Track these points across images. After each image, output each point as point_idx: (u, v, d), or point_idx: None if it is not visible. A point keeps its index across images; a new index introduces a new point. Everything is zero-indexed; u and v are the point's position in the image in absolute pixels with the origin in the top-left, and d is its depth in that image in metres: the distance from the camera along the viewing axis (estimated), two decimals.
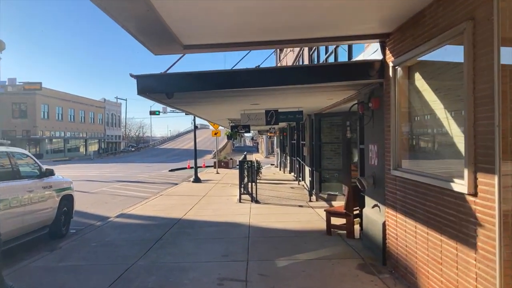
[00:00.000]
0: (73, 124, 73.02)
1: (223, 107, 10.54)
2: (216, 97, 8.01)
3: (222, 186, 20.30)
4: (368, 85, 6.91)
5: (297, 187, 17.59)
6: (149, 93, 6.57)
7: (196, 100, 8.36)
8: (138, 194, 18.41)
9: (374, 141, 6.96)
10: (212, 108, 11.14)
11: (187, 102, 8.67)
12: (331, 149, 14.83)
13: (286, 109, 11.45)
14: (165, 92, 6.46)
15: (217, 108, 11.12)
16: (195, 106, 9.93)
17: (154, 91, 6.50)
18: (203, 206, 13.60)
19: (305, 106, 11.35)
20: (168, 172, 33.42)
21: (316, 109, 12.38)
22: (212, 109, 11.33)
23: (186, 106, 9.57)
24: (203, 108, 10.81)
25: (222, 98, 8.15)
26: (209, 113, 12.94)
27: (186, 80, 6.40)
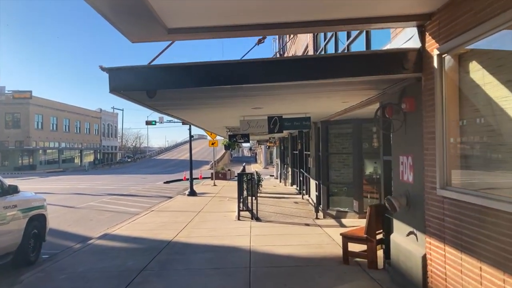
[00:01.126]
0: (68, 134, 71.55)
1: (219, 112, 9.15)
2: (210, 98, 6.63)
3: (219, 200, 18.85)
4: (399, 82, 5.55)
5: (301, 201, 16.15)
6: (125, 91, 5.19)
7: (186, 102, 6.98)
8: (128, 210, 16.94)
9: (407, 152, 5.59)
10: (207, 114, 9.74)
11: (174, 104, 7.28)
12: (339, 161, 13.45)
13: (292, 115, 10.08)
14: (146, 89, 5.09)
15: (212, 114, 9.72)
16: (185, 111, 8.53)
17: (132, 88, 5.12)
18: (198, 224, 12.15)
19: (313, 112, 9.98)
20: (163, 184, 31.92)
21: (324, 115, 11.02)
22: (207, 114, 9.93)
23: (175, 109, 8.17)
24: (196, 113, 9.41)
25: (218, 99, 6.78)
26: (204, 119, 11.53)
27: (171, 74, 5.03)
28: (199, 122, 12.64)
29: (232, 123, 12.22)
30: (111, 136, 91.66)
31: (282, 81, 5.03)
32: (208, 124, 13.75)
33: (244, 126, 10.05)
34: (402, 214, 5.70)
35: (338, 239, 9.29)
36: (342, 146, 13.33)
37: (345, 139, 13.19)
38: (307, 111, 9.85)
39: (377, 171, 12.38)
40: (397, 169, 6.00)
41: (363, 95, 6.92)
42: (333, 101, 7.80)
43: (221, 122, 12.69)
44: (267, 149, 59.21)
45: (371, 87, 6.16)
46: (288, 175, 23.71)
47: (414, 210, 5.42)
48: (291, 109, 9.31)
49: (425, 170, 4.99)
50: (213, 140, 27.21)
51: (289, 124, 10.10)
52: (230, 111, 8.99)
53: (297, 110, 9.60)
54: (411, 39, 5.25)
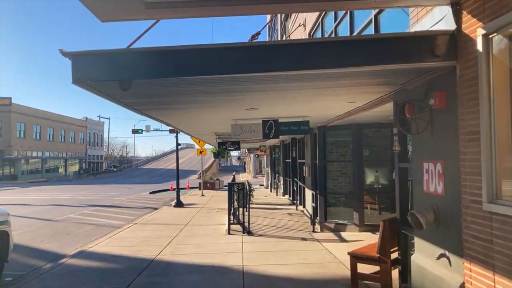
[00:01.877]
0: (52, 143, 69.68)
1: (209, 114, 8.15)
2: (199, 95, 5.63)
3: (207, 211, 17.76)
4: (425, 73, 4.65)
5: (296, 213, 15.16)
6: (92, 81, 4.18)
7: (168, 99, 5.94)
8: (110, 222, 15.75)
9: (434, 157, 4.66)
10: (194, 116, 8.72)
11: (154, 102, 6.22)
12: (337, 169, 12.53)
13: (289, 119, 9.14)
14: (118, 79, 4.09)
15: (201, 116, 8.70)
16: (169, 112, 7.49)
17: (101, 78, 4.11)
18: (184, 239, 11.06)
19: (312, 116, 9.06)
20: (149, 195, 30.65)
21: (323, 119, 10.11)
22: (194, 117, 8.90)
23: (156, 110, 7.10)
24: (182, 115, 8.37)
25: (207, 96, 5.78)
26: (192, 123, 10.49)
27: (149, 61, 4.04)
28: (186, 127, 11.59)
29: (223, 128, 11.23)
30: (97, 145, 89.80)
31: (284, 70, 4.08)
32: (196, 129, 12.69)
33: (236, 131, 9.08)
34: (427, 232, 4.75)
35: (341, 256, 8.35)
36: (341, 153, 12.43)
37: (343, 146, 12.29)
38: (306, 114, 8.92)
39: (379, 181, 11.49)
40: (419, 178, 5.07)
41: (374, 92, 6.01)
42: (338, 102, 6.88)
43: (210, 127, 11.68)
44: (257, 157, 58.27)
45: (388, 81, 5.24)
46: (279, 184, 22.74)
47: (445, 227, 4.48)
48: (289, 111, 8.37)
49: (462, 179, 4.06)
50: (201, 149, 26.15)
51: (285, 129, 9.15)
52: (221, 113, 8.00)
53: (294, 113, 8.67)
54: (441, 21, 4.36)
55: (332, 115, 9.15)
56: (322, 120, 10.25)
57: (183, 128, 11.65)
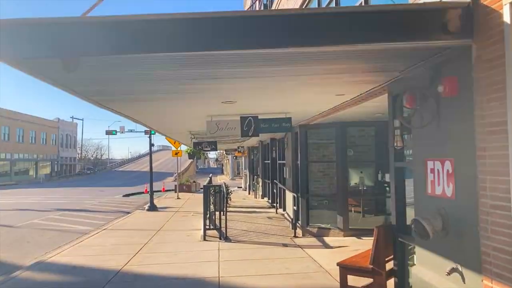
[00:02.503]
0: (22, 145, 67.06)
1: (180, 107, 7.29)
2: (161, 81, 4.78)
3: (182, 215, 16.86)
4: (431, 55, 3.98)
5: (275, 216, 14.44)
6: (27, 57, 3.33)
7: (127, 87, 5.07)
8: (77, 228, 14.69)
9: (442, 154, 4.00)
10: (162, 110, 7.83)
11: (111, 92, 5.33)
12: (319, 170, 11.89)
13: (269, 115, 8.41)
14: (61, 57, 3.26)
15: (170, 110, 7.82)
16: (131, 104, 6.55)
17: (38, 55, 3.27)
18: (155, 247, 10.18)
19: (294, 112, 8.35)
20: (122, 198, 29.44)
21: (306, 117, 9.41)
22: (163, 111, 8.00)
23: (116, 101, 6.13)
24: (147, 108, 7.42)
25: (172, 83, 4.96)
26: (160, 119, 9.56)
27: (102, 33, 3.22)
28: (156, 123, 10.65)
29: (197, 126, 10.38)
30: (70, 147, 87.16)
31: (268, 46, 3.33)
32: (167, 127, 11.74)
33: (212, 128, 8.28)
34: (433, 242, 4.07)
35: (327, 265, 7.67)
36: (323, 153, 11.80)
37: (326, 146, 11.65)
38: (288, 110, 8.20)
39: (364, 182, 10.89)
40: (421, 178, 4.39)
41: (367, 82, 5.32)
42: (326, 94, 6.17)
43: (183, 125, 10.81)
44: (234, 159, 57.39)
45: (385, 67, 4.55)
46: (258, 186, 22.01)
47: (456, 237, 3.81)
48: (269, 107, 7.63)
49: (481, 180, 3.40)
50: (176, 150, 25.20)
51: (266, 126, 8.41)
52: (194, 107, 7.18)
53: (275, 108, 7.94)
54: None
55: (316, 111, 8.45)
56: (305, 117, 9.56)
57: (153, 125, 10.73)
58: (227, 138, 15.71)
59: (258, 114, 8.25)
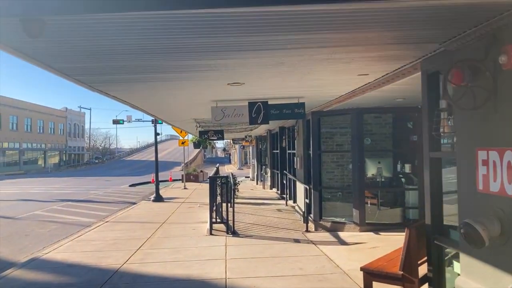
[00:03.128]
0: (30, 134, 66.96)
1: (182, 90, 6.52)
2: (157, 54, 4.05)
3: (188, 206, 16.24)
4: (491, 18, 3.19)
5: (286, 209, 13.73)
6: None
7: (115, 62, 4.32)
8: (79, 220, 14.17)
9: (500, 143, 3.24)
10: (163, 95, 7.09)
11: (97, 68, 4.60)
12: (332, 160, 11.17)
13: (280, 100, 7.66)
14: (21, 15, 2.54)
15: (172, 94, 7.08)
16: (125, 86, 5.83)
17: None
18: (158, 242, 9.55)
19: (309, 96, 7.58)
20: (128, 188, 28.97)
21: (321, 101, 8.61)
22: (164, 96, 7.29)
23: (107, 83, 5.45)
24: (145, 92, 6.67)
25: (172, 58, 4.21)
26: (163, 106, 8.85)
27: None
28: (158, 110, 9.92)
29: (202, 113, 9.66)
30: (78, 136, 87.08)
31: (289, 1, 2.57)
32: (170, 114, 11.01)
33: (218, 115, 7.56)
34: (488, 250, 3.33)
35: (344, 265, 6.98)
36: (337, 142, 11.06)
37: (341, 134, 10.92)
38: (301, 94, 7.44)
39: (381, 173, 10.12)
40: (469, 172, 3.64)
41: (397, 58, 4.54)
42: (347, 73, 5.39)
43: (187, 112, 10.09)
44: (242, 148, 56.74)
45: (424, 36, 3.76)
46: (267, 177, 21.31)
47: None
48: (281, 91, 6.88)
49: None
50: (183, 139, 24.56)
51: (276, 113, 7.66)
52: (198, 89, 6.43)
53: (287, 92, 7.18)
54: None
55: (333, 96, 7.67)
56: (319, 103, 8.79)
57: (154, 112, 10.01)
58: (234, 127, 15.00)
59: (268, 99, 7.50)
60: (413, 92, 6.89)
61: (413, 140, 9.93)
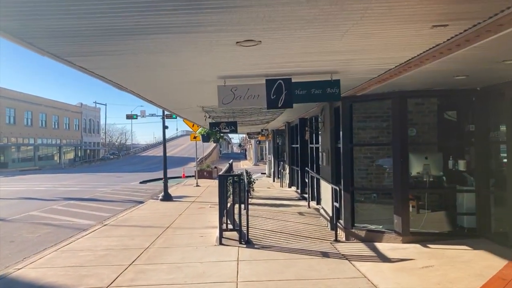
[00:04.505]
0: (45, 130, 66.62)
1: (170, 54, 4.73)
2: None
3: (199, 207, 14.61)
4: None
5: (308, 212, 11.93)
6: None
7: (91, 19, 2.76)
8: (77, 222, 12.71)
9: None
10: (150, 64, 5.31)
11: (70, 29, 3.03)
12: (365, 155, 9.36)
13: (307, 77, 5.88)
14: None
15: (159, 61, 5.21)
16: (114, 61, 4.21)
17: None
18: (157, 255, 7.90)
19: (345, 71, 5.77)
20: (138, 185, 27.58)
21: (358, 79, 6.73)
22: (150, 66, 5.48)
23: (80, 54, 3.91)
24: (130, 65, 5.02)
25: None
26: (153, 83, 6.95)
27: None
28: (155, 94, 7.88)
29: (209, 99, 7.92)
30: (93, 132, 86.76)
31: None
32: (171, 99, 8.97)
33: (226, 96, 5.83)
34: None
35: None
36: (372, 134, 9.23)
37: (378, 124, 9.09)
38: (335, 68, 5.63)
39: (429, 171, 8.27)
40: None
41: None
42: (412, 25, 3.58)
43: (190, 96, 8.30)
44: (258, 144, 55.10)
45: None
46: (285, 174, 19.55)
47: None
48: (309, 61, 5.09)
49: None
50: (195, 134, 22.97)
51: (302, 93, 5.89)
52: (197, 56, 4.65)
53: (317, 65, 5.39)
54: None
55: (378, 70, 5.79)
56: (354, 83, 6.94)
57: (152, 96, 8.12)
58: (248, 117, 13.25)
59: (292, 74, 5.73)
60: (489, 62, 5.05)
61: (468, 130, 8.06)
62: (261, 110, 11.15)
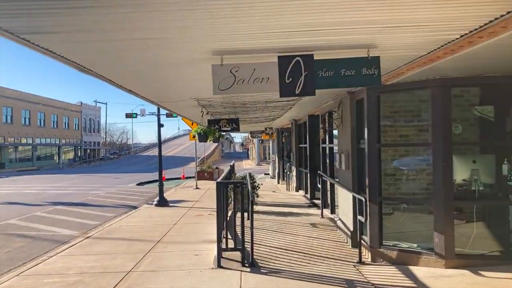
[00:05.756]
0: (43, 129, 65.22)
1: (145, 22, 3.14)
2: None
3: (196, 214, 13.05)
4: None
5: (322, 223, 10.30)
6: None
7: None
8: (58, 232, 11.20)
9: None
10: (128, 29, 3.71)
11: None
12: (392, 157, 7.80)
13: (334, 53, 4.28)
14: None
15: (126, 17, 3.64)
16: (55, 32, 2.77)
17: None
18: (140, 283, 6.32)
19: (387, 45, 4.17)
20: (135, 187, 26.02)
21: (404, 58, 5.08)
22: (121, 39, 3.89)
23: None
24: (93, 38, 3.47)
25: None
26: (126, 66, 5.33)
27: None
28: (131, 81, 6.18)
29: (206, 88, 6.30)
30: (94, 131, 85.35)
31: None
32: (153, 88, 7.07)
33: (224, 80, 4.25)
34: None
35: None
36: (403, 132, 7.63)
37: (411, 120, 7.50)
38: (374, 39, 4.03)
39: (479, 177, 6.66)
40: None
41: None
42: None
43: (183, 85, 6.70)
44: (261, 143, 53.51)
45: None
46: (291, 176, 17.95)
47: None
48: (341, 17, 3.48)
49: None
50: (193, 132, 21.35)
51: (329, 75, 4.29)
52: (185, 23, 3.06)
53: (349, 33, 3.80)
54: None
55: (430, 44, 4.19)
56: (394, 62, 5.30)
57: (133, 86, 6.47)
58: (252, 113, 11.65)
59: (313, 49, 4.14)
60: None
61: None
62: (266, 105, 9.57)
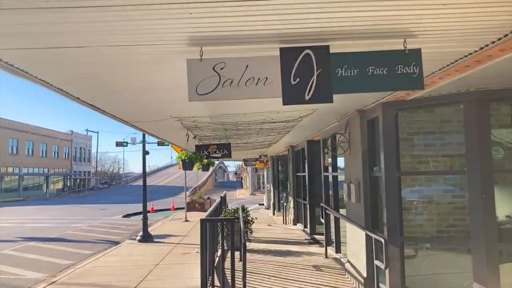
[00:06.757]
0: (31, 158, 63.47)
1: None
2: None
3: (183, 252, 11.57)
4: None
5: (326, 264, 8.86)
6: None
7: None
8: (20, 277, 9.72)
9: None
10: None
11: None
12: (411, 189, 6.54)
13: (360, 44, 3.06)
14: None
15: None
16: None
17: None
18: None
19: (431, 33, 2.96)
20: (120, 219, 24.42)
21: (444, 56, 3.89)
22: None
23: None
24: None
25: None
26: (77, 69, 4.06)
27: None
28: (94, 95, 4.90)
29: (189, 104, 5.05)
30: (84, 160, 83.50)
31: None
32: (119, 101, 5.81)
33: (205, 81, 2.99)
34: None
35: None
36: (420, 159, 6.40)
37: (436, 143, 6.28)
38: (413, 26, 2.83)
39: None
40: None
41: None
42: None
43: (158, 97, 5.35)
44: (255, 172, 52.09)
45: None
46: (288, 207, 16.55)
47: None
48: None
49: None
50: (177, 159, 20.05)
51: (351, 75, 3.05)
52: None
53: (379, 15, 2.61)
54: None
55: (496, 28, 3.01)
56: (443, 60, 4.09)
57: (94, 99, 5.17)
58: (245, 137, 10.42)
59: (329, 38, 2.93)
60: None
61: None
62: (262, 126, 8.35)
